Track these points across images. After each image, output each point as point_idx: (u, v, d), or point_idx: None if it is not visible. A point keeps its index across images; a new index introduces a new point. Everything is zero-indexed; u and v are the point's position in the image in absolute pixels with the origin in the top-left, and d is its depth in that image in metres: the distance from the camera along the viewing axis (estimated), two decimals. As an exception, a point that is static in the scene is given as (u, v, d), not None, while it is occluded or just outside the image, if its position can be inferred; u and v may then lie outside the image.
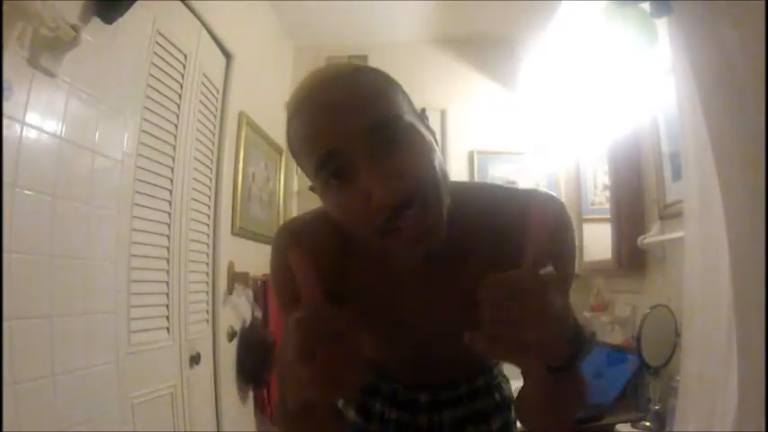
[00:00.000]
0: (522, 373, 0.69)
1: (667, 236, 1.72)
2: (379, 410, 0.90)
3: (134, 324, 1.41)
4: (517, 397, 0.76)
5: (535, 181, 2.85)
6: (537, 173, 2.86)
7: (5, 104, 0.95)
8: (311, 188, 0.66)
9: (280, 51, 2.86)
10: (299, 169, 0.67)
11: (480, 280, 0.50)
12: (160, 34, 1.52)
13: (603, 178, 2.32)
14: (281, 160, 2.79)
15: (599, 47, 1.54)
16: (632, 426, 1.59)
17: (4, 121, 0.95)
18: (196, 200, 1.81)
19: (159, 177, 1.55)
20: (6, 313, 0.94)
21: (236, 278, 2.08)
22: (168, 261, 1.59)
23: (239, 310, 2.15)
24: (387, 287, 0.71)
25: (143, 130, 1.45)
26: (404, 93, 0.65)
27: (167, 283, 1.59)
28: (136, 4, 1.27)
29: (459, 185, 0.69)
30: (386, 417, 0.89)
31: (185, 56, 1.68)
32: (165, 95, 1.57)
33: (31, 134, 1.03)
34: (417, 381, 0.88)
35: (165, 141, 1.58)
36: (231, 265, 2.07)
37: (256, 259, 2.39)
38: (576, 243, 2.71)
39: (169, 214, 1.60)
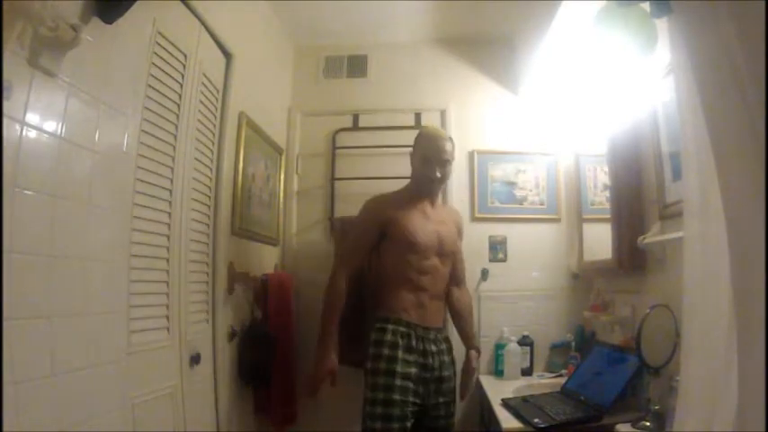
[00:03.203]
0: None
1: (667, 236, 1.72)
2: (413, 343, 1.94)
3: (134, 324, 1.41)
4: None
5: (535, 181, 2.86)
6: (537, 173, 2.87)
7: (5, 104, 0.95)
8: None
9: (280, 51, 2.86)
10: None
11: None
12: (160, 34, 1.52)
13: (603, 178, 2.32)
14: (281, 160, 2.79)
15: (599, 47, 1.54)
16: (632, 426, 1.59)
17: (4, 121, 0.95)
18: (196, 199, 1.81)
19: (159, 177, 1.55)
20: (6, 313, 0.94)
21: (236, 278, 2.08)
22: (168, 261, 1.59)
23: (239, 310, 2.16)
24: (415, 215, 1.99)
25: (143, 130, 1.46)
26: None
27: (167, 282, 1.59)
28: (136, 4, 1.27)
29: None
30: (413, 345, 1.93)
31: (185, 56, 1.68)
32: (165, 95, 1.57)
33: (31, 134, 1.03)
34: (427, 288, 1.99)
35: (165, 141, 1.58)
36: (231, 265, 2.07)
37: (256, 259, 2.40)
38: (575, 243, 2.81)
39: (169, 214, 1.61)
